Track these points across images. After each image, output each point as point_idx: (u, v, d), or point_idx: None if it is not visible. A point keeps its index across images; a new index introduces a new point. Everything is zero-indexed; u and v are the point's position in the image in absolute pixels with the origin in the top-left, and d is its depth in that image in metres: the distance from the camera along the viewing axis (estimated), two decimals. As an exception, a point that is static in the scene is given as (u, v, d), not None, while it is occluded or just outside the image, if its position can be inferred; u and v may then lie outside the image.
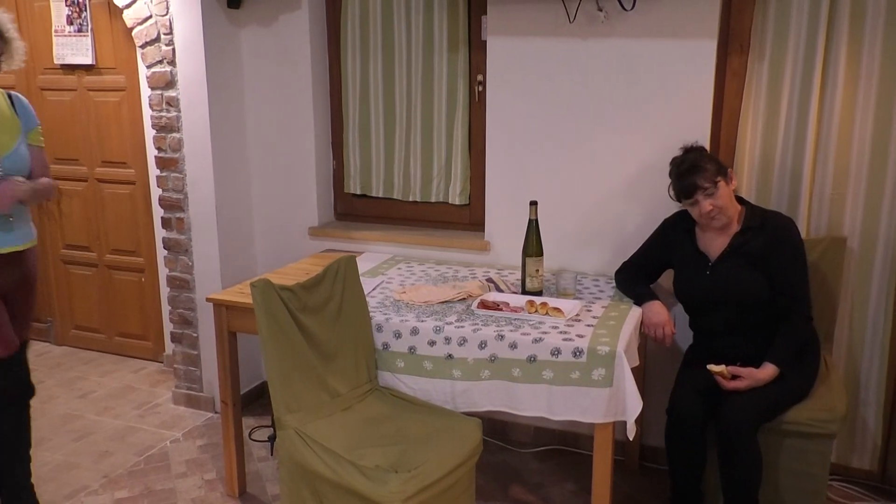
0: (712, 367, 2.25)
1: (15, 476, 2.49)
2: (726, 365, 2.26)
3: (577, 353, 2.12)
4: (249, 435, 3.18)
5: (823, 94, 2.54)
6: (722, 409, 2.23)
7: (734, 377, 2.24)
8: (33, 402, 2.52)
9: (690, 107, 2.65)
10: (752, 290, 2.31)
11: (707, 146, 2.59)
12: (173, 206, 3.31)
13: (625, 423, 2.13)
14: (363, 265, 2.90)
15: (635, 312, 2.42)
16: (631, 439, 2.22)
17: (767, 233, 2.31)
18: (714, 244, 2.39)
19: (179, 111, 3.19)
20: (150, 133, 3.42)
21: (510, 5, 2.81)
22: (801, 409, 2.26)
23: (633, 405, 2.10)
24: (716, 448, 2.26)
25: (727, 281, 2.34)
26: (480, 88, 3.05)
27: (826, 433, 2.24)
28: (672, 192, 2.38)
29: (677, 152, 2.42)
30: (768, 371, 2.23)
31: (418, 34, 3.10)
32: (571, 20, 2.71)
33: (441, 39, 3.06)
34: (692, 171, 2.28)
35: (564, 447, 3.08)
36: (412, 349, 2.34)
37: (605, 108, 2.77)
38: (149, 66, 3.21)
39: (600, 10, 2.66)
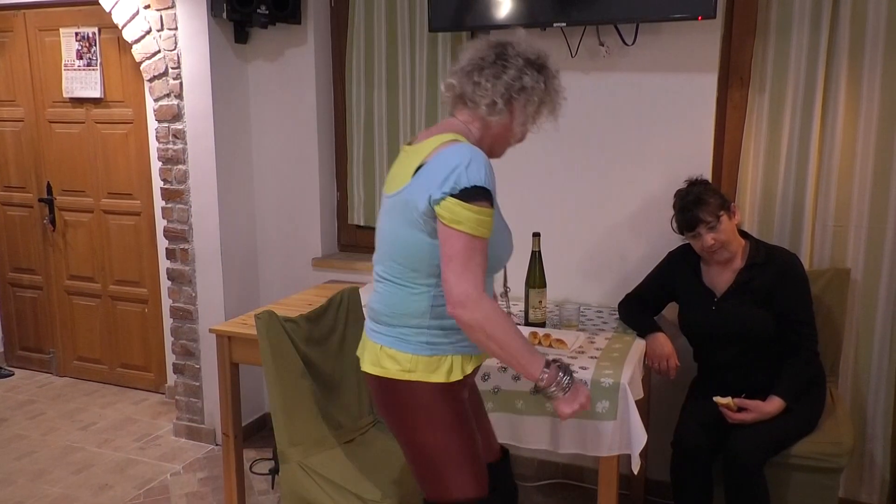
0: (718, 399, 2.24)
1: None
2: (732, 397, 2.24)
3: (581, 385, 2.11)
4: (250, 468, 3.15)
5: (824, 125, 2.56)
6: (728, 442, 2.21)
7: (740, 409, 2.23)
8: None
9: (692, 139, 2.67)
10: (759, 326, 2.30)
11: (709, 178, 2.60)
12: (178, 237, 3.33)
13: (630, 456, 2.11)
14: (366, 297, 2.89)
15: (639, 344, 2.41)
16: (636, 473, 2.19)
17: (772, 269, 2.31)
18: (719, 279, 2.39)
19: (186, 143, 3.23)
20: (156, 165, 3.45)
21: (513, 40, 2.84)
22: (808, 443, 2.24)
23: (637, 438, 2.08)
24: (722, 482, 2.24)
25: (733, 317, 2.33)
26: (483, 121, 3.08)
27: (833, 467, 2.22)
28: (675, 225, 2.39)
29: (680, 184, 2.42)
30: (775, 404, 2.22)
31: (422, 67, 3.14)
32: (573, 55, 2.74)
33: (445, 72, 3.10)
34: (695, 204, 2.29)
35: (569, 481, 3.04)
36: (415, 381, 2.32)
37: (607, 140, 2.79)
38: (156, 100, 3.25)
39: (602, 44, 2.70)
